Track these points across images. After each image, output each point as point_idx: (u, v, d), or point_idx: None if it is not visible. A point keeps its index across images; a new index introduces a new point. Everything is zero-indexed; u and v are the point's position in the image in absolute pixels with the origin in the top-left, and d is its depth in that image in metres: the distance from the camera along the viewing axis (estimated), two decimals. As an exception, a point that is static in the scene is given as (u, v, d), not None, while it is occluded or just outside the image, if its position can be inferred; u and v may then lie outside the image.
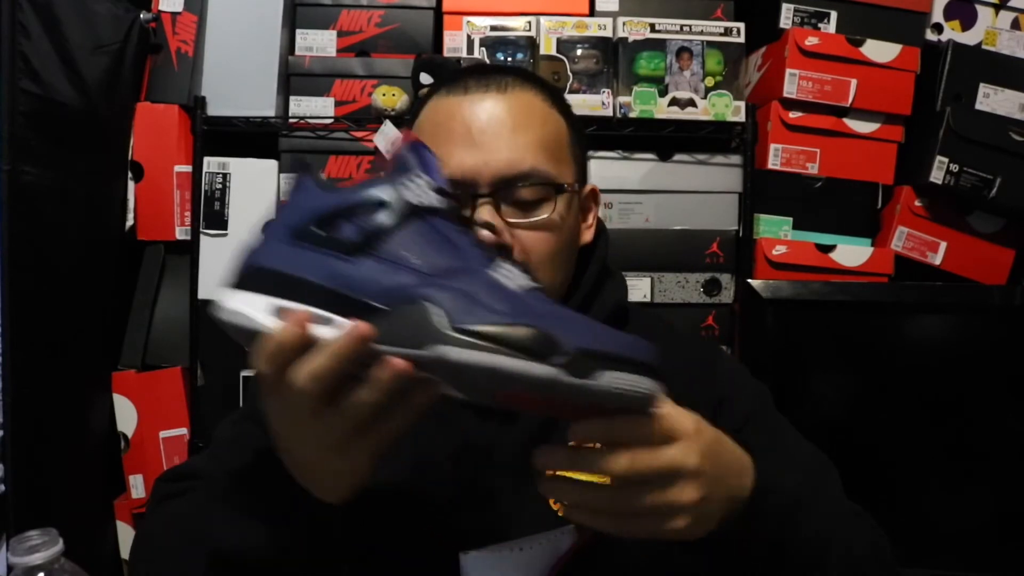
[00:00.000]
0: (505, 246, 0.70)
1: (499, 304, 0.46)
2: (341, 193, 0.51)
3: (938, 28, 1.54)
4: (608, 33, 1.47)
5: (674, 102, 1.46)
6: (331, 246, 0.49)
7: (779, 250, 1.46)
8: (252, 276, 0.51)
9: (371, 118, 1.45)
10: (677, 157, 1.50)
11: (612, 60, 1.47)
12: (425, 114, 0.76)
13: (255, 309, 0.49)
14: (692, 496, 0.50)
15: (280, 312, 0.48)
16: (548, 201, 0.73)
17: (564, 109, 0.78)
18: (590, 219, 0.82)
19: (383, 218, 0.49)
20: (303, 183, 0.52)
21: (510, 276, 0.49)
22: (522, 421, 0.73)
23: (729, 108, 1.46)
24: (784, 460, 0.71)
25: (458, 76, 0.76)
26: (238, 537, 0.56)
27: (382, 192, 0.50)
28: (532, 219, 0.72)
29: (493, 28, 1.47)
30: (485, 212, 0.70)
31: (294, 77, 1.49)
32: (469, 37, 1.47)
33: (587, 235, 0.82)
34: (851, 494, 0.73)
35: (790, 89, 1.46)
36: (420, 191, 0.50)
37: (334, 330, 0.46)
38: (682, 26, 1.47)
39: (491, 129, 0.71)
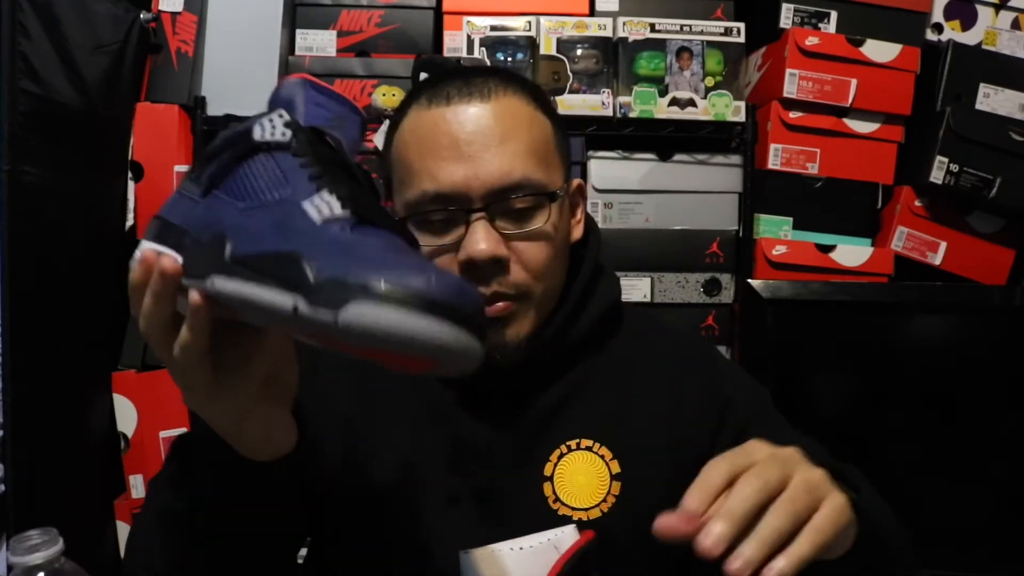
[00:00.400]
0: (502, 259, 0.69)
1: (287, 235, 0.43)
2: (221, 135, 0.51)
3: (938, 28, 1.54)
4: (608, 33, 1.47)
5: (674, 102, 1.46)
6: (190, 189, 0.50)
7: (779, 250, 1.46)
8: (151, 225, 0.52)
9: (371, 118, 1.45)
10: (677, 157, 1.50)
11: (612, 60, 1.47)
12: (407, 125, 0.74)
13: (138, 253, 0.50)
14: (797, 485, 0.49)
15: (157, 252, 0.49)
16: (542, 209, 0.72)
17: (547, 108, 0.77)
18: (578, 214, 0.81)
19: (228, 156, 0.49)
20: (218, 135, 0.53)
21: (320, 207, 0.44)
22: (518, 421, 0.74)
23: (729, 108, 1.46)
24: None
25: (438, 84, 0.73)
26: (174, 496, 0.57)
27: (238, 131, 0.49)
28: (527, 229, 0.71)
29: (493, 28, 1.47)
30: (480, 229, 0.68)
31: (294, 77, 1.49)
32: (469, 37, 1.47)
33: (576, 231, 0.81)
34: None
35: (790, 89, 1.46)
36: (269, 127, 0.48)
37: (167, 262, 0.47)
38: (682, 26, 1.47)
39: (478, 140, 0.69)
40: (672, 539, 0.45)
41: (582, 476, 0.73)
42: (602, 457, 0.74)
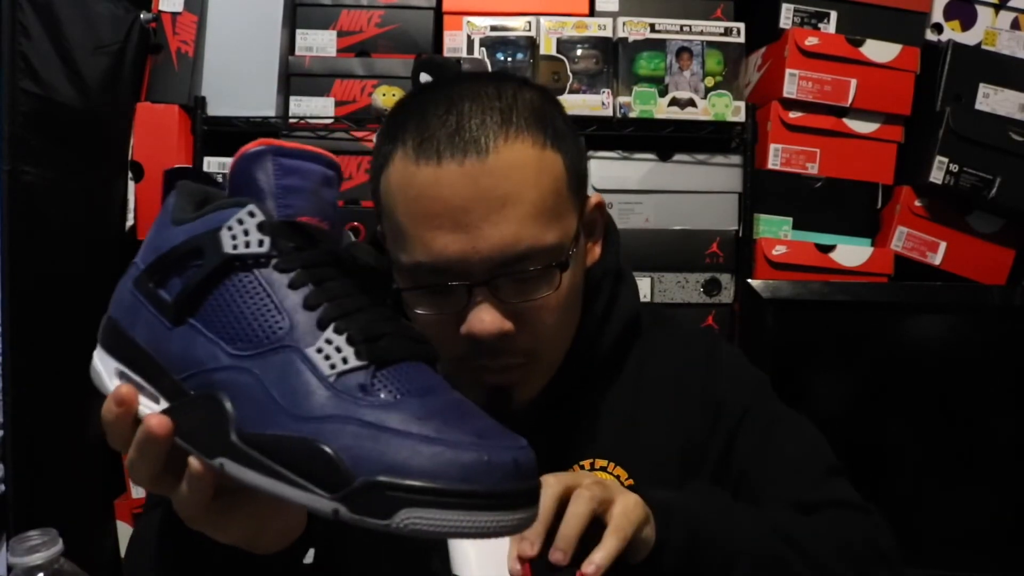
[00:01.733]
0: (508, 335, 0.64)
1: (299, 403, 0.37)
2: (175, 229, 0.43)
3: (938, 28, 1.54)
4: (608, 33, 1.47)
5: (674, 102, 1.46)
6: (156, 306, 0.42)
7: (779, 250, 1.46)
8: (108, 330, 0.45)
9: (371, 118, 1.45)
10: (677, 157, 1.50)
11: (612, 60, 1.47)
12: (394, 176, 0.64)
13: (103, 369, 0.45)
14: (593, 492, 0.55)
15: (123, 376, 0.44)
16: (552, 275, 0.64)
17: (558, 138, 0.66)
18: (597, 234, 0.75)
19: (197, 274, 0.41)
20: (165, 207, 0.45)
21: (330, 356, 0.39)
22: (532, 444, 0.72)
23: (729, 108, 1.46)
24: (772, 453, 0.73)
25: (426, 125, 0.63)
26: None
27: (201, 235, 0.41)
28: (536, 298, 0.64)
29: (493, 28, 1.47)
30: (484, 307, 0.62)
31: (294, 77, 1.49)
32: (469, 37, 1.47)
33: (594, 253, 0.75)
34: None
35: (790, 89, 1.46)
36: (243, 235, 0.40)
37: (154, 408, 0.42)
38: (682, 26, 1.47)
39: (475, 209, 0.60)
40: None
41: None
42: (617, 477, 0.72)
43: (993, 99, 1.47)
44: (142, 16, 1.44)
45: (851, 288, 1.38)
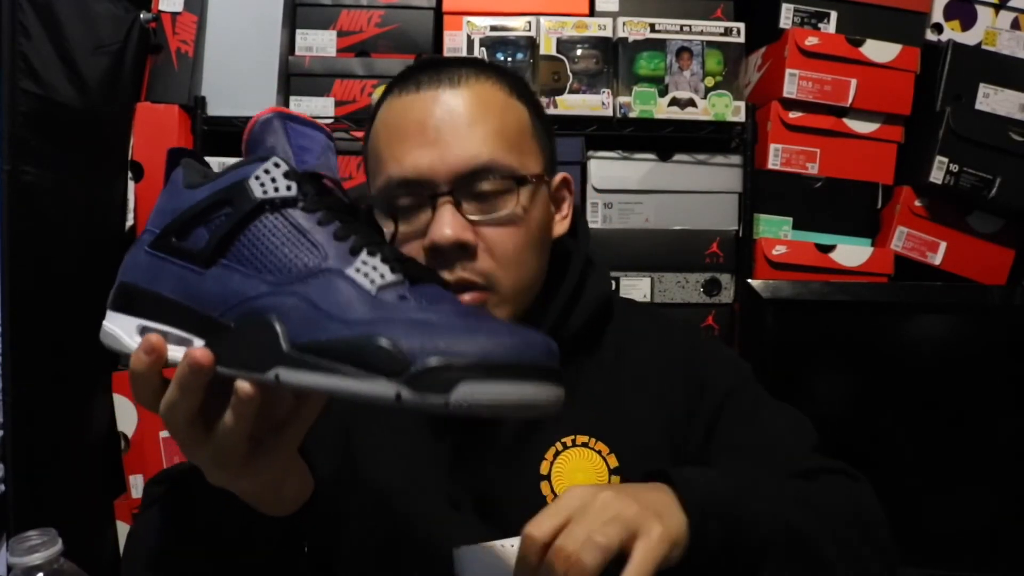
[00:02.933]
0: (468, 245, 0.68)
1: (348, 312, 0.41)
2: (195, 191, 0.46)
3: (938, 28, 1.54)
4: (608, 33, 1.47)
5: (674, 102, 1.46)
6: (183, 255, 0.45)
7: (779, 250, 1.46)
8: (121, 294, 0.47)
9: (371, 118, 1.45)
10: (677, 157, 1.50)
11: (612, 60, 1.47)
12: (379, 117, 0.74)
13: (123, 331, 0.46)
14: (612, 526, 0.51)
15: (145, 331, 0.45)
16: (510, 194, 0.70)
17: (527, 97, 0.75)
18: (564, 209, 0.80)
19: (229, 219, 0.44)
20: (173, 179, 0.48)
21: (368, 273, 0.43)
22: (511, 422, 0.73)
23: (729, 108, 1.46)
24: (758, 432, 0.74)
25: (410, 73, 0.73)
26: (183, 554, 0.56)
27: (230, 187, 0.45)
28: (495, 215, 0.69)
29: (493, 28, 1.47)
30: (446, 214, 0.67)
31: (294, 77, 1.49)
32: (469, 37, 1.47)
33: (562, 226, 0.79)
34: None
35: (790, 89, 1.46)
36: (271, 182, 0.45)
37: (177, 355, 0.44)
38: (682, 26, 1.47)
39: (445, 124, 0.68)
40: None
41: (580, 473, 0.72)
42: (599, 452, 0.73)
43: (993, 99, 1.47)
44: (142, 16, 1.44)
45: (851, 288, 1.38)
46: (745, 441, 0.73)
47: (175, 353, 0.44)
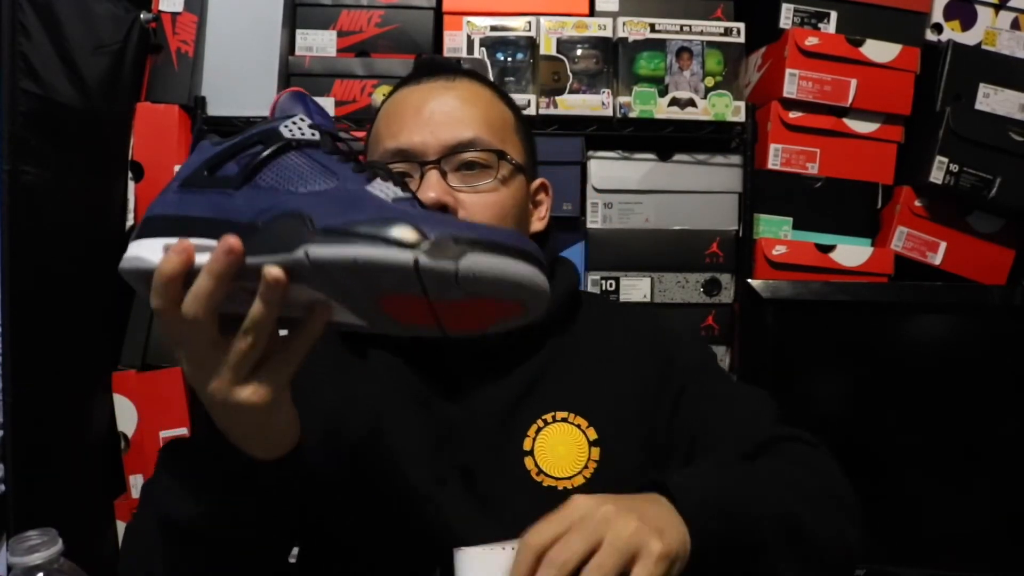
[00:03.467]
0: (448, 207, 0.73)
1: (369, 209, 0.47)
2: (225, 141, 0.53)
3: (938, 28, 1.54)
4: (608, 33, 1.47)
5: (674, 102, 1.46)
6: (214, 184, 0.51)
7: (779, 250, 1.46)
8: (146, 224, 0.52)
9: (371, 118, 1.44)
10: (677, 157, 1.50)
11: (612, 60, 1.47)
12: (384, 109, 0.82)
13: (148, 252, 0.50)
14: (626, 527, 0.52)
15: (169, 248, 0.49)
16: (491, 169, 0.77)
17: (512, 105, 0.85)
18: (543, 211, 0.88)
19: (260, 152, 0.50)
20: (200, 146, 0.54)
21: (384, 190, 0.49)
22: (493, 401, 0.76)
23: (729, 108, 1.46)
24: (723, 405, 0.78)
25: (411, 74, 0.84)
26: (179, 507, 0.57)
27: (261, 131, 0.51)
28: (475, 184, 0.76)
29: (493, 28, 1.47)
30: (432, 177, 0.74)
31: (294, 77, 1.49)
32: (469, 37, 1.47)
33: (538, 225, 0.86)
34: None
35: (790, 89, 1.46)
36: (297, 129, 0.52)
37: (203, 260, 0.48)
38: (682, 26, 1.47)
39: (438, 111, 0.78)
40: None
41: (562, 446, 0.76)
42: (578, 426, 0.76)
43: (993, 99, 1.47)
44: (142, 16, 1.44)
45: (851, 288, 1.38)
46: (710, 413, 0.78)
47: (203, 258, 0.47)
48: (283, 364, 0.51)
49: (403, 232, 0.44)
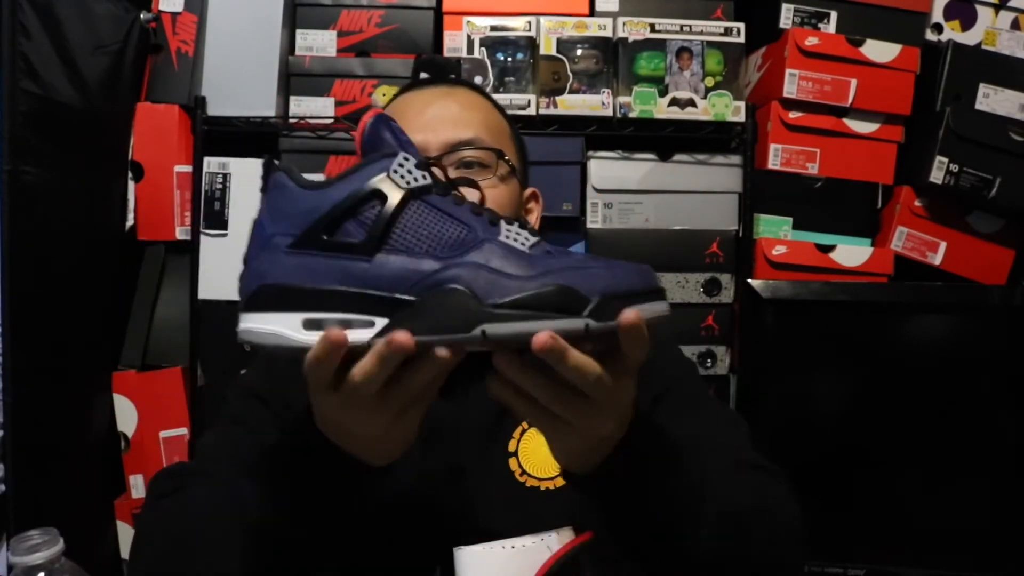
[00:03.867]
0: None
1: (519, 270, 0.49)
2: (327, 191, 0.51)
3: (938, 28, 1.54)
4: (608, 33, 1.47)
5: (674, 102, 1.46)
6: (340, 249, 0.50)
7: (779, 250, 1.46)
8: (271, 295, 0.50)
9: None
10: (677, 157, 1.50)
11: (612, 60, 1.47)
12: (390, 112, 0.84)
13: (287, 328, 0.49)
14: (613, 432, 0.54)
15: (311, 324, 0.49)
16: (490, 168, 0.80)
17: (506, 115, 0.89)
18: (533, 220, 0.92)
19: (382, 210, 0.50)
20: (279, 182, 0.52)
21: (516, 237, 0.51)
22: (480, 403, 0.75)
23: (729, 108, 1.46)
24: (699, 420, 0.77)
25: (416, 81, 0.89)
26: (276, 508, 0.57)
27: (373, 183, 0.50)
28: (477, 179, 0.78)
29: (493, 28, 1.47)
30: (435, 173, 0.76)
31: (294, 77, 1.49)
32: (469, 37, 1.47)
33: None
34: (850, 494, 0.73)
35: (790, 89, 1.46)
36: (408, 173, 0.51)
37: (370, 331, 0.48)
38: (682, 26, 1.47)
39: (440, 113, 0.82)
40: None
41: (544, 448, 0.75)
42: None
43: (993, 99, 1.47)
44: (142, 16, 1.44)
45: (851, 288, 1.38)
46: (684, 423, 0.75)
47: (357, 335, 0.48)
48: (429, 398, 0.53)
49: (571, 301, 0.47)
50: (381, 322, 0.48)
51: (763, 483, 0.68)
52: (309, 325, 0.49)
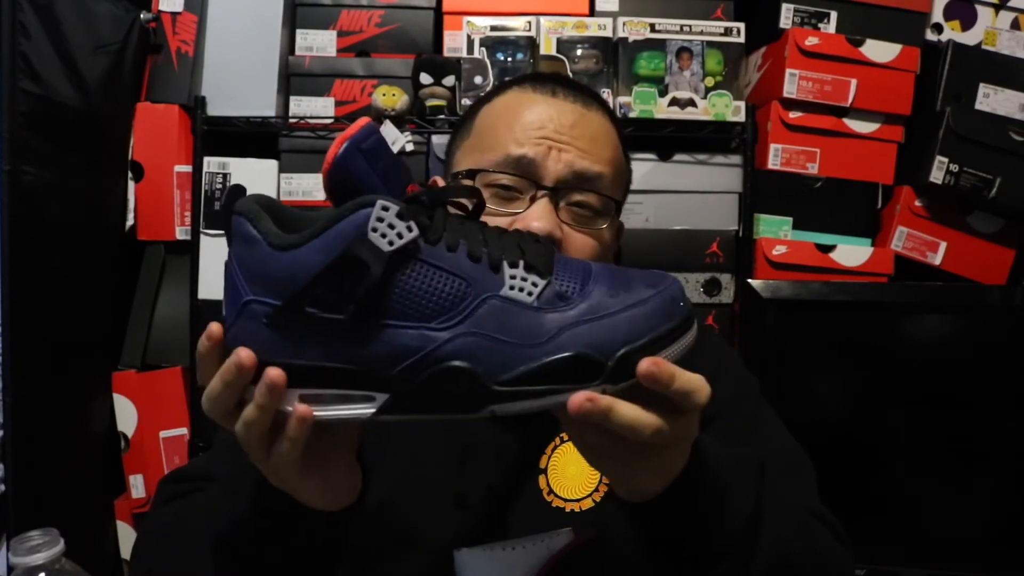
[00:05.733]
0: (556, 241, 0.70)
1: (526, 336, 0.44)
2: (301, 254, 0.44)
3: (938, 28, 1.54)
4: (608, 33, 1.47)
5: (674, 102, 1.46)
6: (328, 325, 0.44)
7: (779, 250, 1.46)
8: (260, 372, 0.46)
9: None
10: (677, 157, 1.50)
11: (612, 60, 1.47)
12: (504, 101, 0.78)
13: (286, 406, 0.46)
14: (676, 465, 0.49)
15: (309, 399, 0.45)
16: (603, 216, 0.74)
17: (623, 139, 0.82)
18: (613, 248, 0.87)
19: (366, 276, 0.43)
20: (245, 234, 0.45)
21: (522, 286, 0.45)
22: (528, 419, 0.73)
23: (729, 108, 1.46)
24: (752, 448, 0.68)
25: (545, 79, 0.79)
26: (248, 538, 0.56)
27: (351, 248, 0.43)
28: (584, 226, 0.73)
29: (493, 28, 1.47)
30: (544, 205, 0.70)
31: (294, 77, 1.49)
32: (469, 37, 1.47)
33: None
34: (850, 494, 0.73)
35: (790, 89, 1.46)
36: (390, 229, 0.43)
37: (370, 406, 0.45)
38: (682, 26, 1.47)
39: (571, 133, 0.73)
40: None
41: (573, 467, 0.72)
42: None
43: (993, 99, 1.47)
44: (142, 16, 1.44)
45: (851, 288, 1.38)
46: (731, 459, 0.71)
47: (358, 411, 0.45)
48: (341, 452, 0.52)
49: (583, 369, 0.43)
50: (381, 397, 0.45)
51: (820, 532, 0.64)
52: (306, 400, 0.45)
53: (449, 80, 1.42)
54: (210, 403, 0.47)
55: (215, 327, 0.46)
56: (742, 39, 1.48)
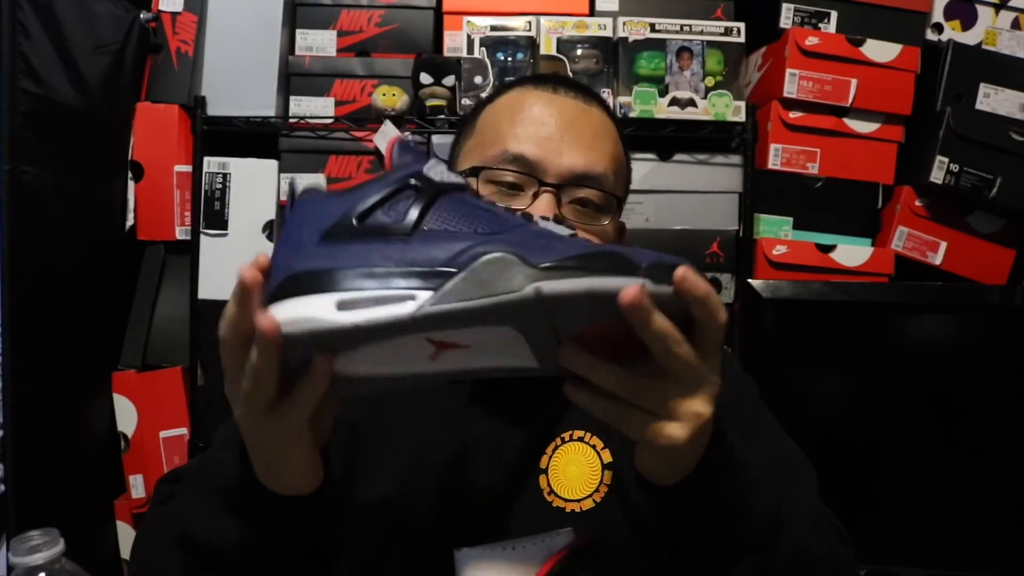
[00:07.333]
0: None
1: (561, 245, 0.47)
2: (358, 191, 0.50)
3: (938, 28, 1.54)
4: (608, 33, 1.47)
5: (674, 102, 1.46)
6: (373, 233, 0.48)
7: (779, 250, 1.46)
8: (300, 283, 0.47)
9: (371, 118, 1.45)
10: (677, 157, 1.50)
11: (612, 60, 1.47)
12: (506, 99, 0.78)
13: (321, 311, 0.46)
14: (703, 409, 0.49)
15: (346, 304, 0.46)
16: (606, 213, 0.75)
17: (623, 138, 0.82)
18: None
19: (416, 199, 0.49)
20: (304, 202, 0.51)
21: (555, 228, 0.50)
22: (529, 418, 0.74)
23: (729, 108, 1.46)
24: (757, 449, 0.69)
25: (547, 79, 0.80)
26: (209, 533, 0.56)
27: (407, 177, 0.50)
28: (585, 223, 0.73)
29: (493, 28, 1.47)
30: (547, 200, 0.71)
31: (294, 77, 1.49)
32: (469, 37, 1.47)
33: None
34: (850, 494, 0.73)
35: (790, 89, 1.46)
36: (439, 172, 0.51)
37: (410, 305, 0.45)
38: (682, 26, 1.47)
39: (572, 131, 0.73)
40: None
41: (574, 467, 0.72)
42: (593, 447, 0.73)
43: (993, 99, 1.47)
44: (142, 16, 1.44)
45: (851, 288, 1.38)
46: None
47: (396, 310, 0.46)
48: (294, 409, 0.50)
49: (623, 263, 0.45)
50: (423, 295, 0.45)
51: (833, 538, 0.65)
52: (344, 306, 0.46)
53: (449, 80, 1.42)
54: (226, 326, 0.48)
55: (262, 256, 0.48)
56: (742, 39, 1.48)
